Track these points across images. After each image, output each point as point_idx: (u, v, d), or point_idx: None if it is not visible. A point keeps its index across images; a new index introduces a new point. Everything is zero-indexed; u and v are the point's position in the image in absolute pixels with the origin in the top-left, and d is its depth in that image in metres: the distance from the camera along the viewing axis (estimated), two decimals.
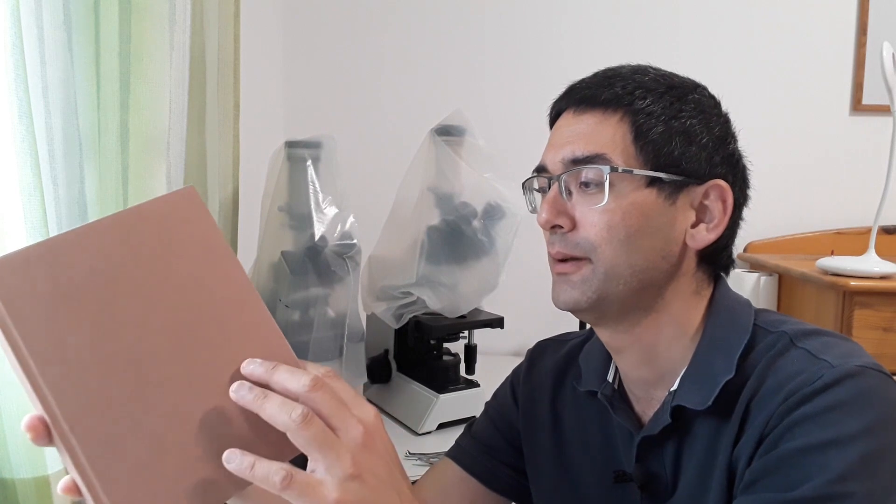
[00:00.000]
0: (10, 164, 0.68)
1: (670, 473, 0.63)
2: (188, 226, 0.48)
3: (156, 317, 0.45)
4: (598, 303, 0.62)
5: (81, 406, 0.41)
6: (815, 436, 0.52)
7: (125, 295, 0.44)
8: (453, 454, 0.82)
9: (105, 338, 0.43)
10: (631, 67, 0.66)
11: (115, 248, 0.45)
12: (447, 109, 1.30)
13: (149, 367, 0.44)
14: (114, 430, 0.42)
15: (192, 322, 0.46)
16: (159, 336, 0.45)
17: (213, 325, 0.47)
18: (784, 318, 0.64)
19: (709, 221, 0.63)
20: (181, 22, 0.85)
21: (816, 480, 0.51)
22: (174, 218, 0.47)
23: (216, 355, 0.46)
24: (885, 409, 0.53)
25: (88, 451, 0.41)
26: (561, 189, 0.62)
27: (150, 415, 0.43)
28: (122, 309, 0.44)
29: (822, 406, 0.53)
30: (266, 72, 1.78)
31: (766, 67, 1.86)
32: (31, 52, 0.70)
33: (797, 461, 0.52)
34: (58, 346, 0.42)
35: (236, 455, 0.43)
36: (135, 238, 0.46)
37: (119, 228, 0.45)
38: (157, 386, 0.44)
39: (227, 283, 0.48)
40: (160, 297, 0.45)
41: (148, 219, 0.46)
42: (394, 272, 1.28)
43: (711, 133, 0.63)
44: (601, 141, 0.61)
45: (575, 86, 0.66)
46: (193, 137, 0.98)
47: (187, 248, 0.47)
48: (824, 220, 1.89)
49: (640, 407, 0.68)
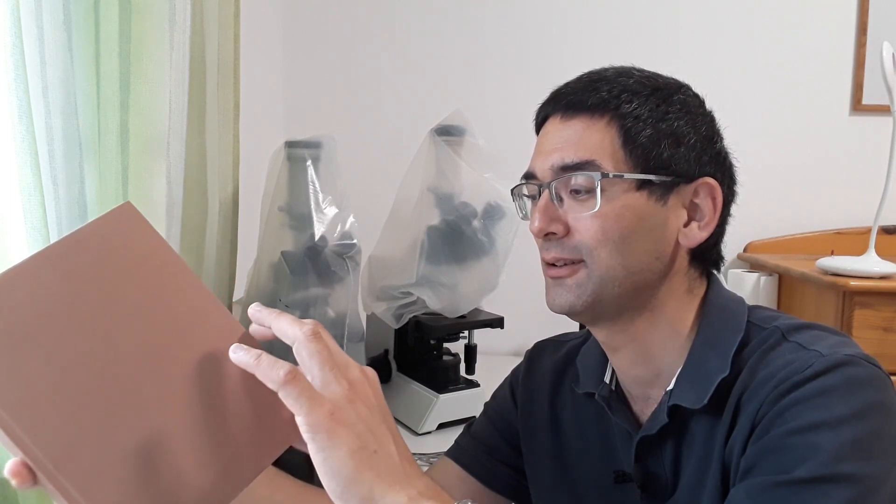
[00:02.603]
0: (10, 164, 0.68)
1: (670, 472, 0.63)
2: (131, 243, 0.47)
3: (117, 341, 0.44)
4: (593, 305, 0.62)
5: (62, 444, 0.41)
6: (806, 418, 0.52)
7: (81, 325, 0.43)
8: (453, 454, 0.82)
9: (70, 372, 0.42)
10: (615, 70, 0.66)
11: (61, 281, 0.43)
12: (447, 109, 1.30)
13: (121, 392, 0.43)
14: (100, 459, 0.42)
15: (156, 338, 0.45)
16: (126, 359, 0.44)
17: (178, 337, 0.46)
18: (777, 314, 0.64)
19: (700, 220, 0.64)
20: (181, 22, 0.85)
21: (811, 461, 0.51)
22: (115, 238, 0.46)
23: (187, 366, 0.46)
24: (875, 395, 0.54)
25: (80, 486, 0.41)
26: (552, 196, 0.63)
27: (133, 437, 0.43)
28: (81, 339, 0.43)
29: (813, 391, 0.53)
30: (266, 72, 1.78)
31: (766, 67, 1.86)
32: (31, 52, 0.70)
33: (790, 443, 0.52)
34: (26, 391, 0.41)
35: (242, 348, 0.45)
36: (78, 267, 0.44)
37: (60, 260, 0.44)
38: (134, 408, 0.43)
39: (183, 292, 0.48)
40: (118, 321, 0.44)
41: (88, 244, 0.45)
42: (394, 272, 1.28)
43: (699, 132, 0.63)
44: (590, 147, 0.61)
45: (560, 90, 0.66)
46: (193, 137, 0.98)
47: (135, 265, 0.46)
48: (824, 220, 1.89)
49: (637, 407, 0.68)
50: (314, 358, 0.45)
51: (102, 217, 0.46)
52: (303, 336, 0.46)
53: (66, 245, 0.44)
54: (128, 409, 0.43)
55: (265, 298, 1.16)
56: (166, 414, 0.44)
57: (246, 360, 0.45)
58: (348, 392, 0.46)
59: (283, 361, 0.45)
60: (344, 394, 0.45)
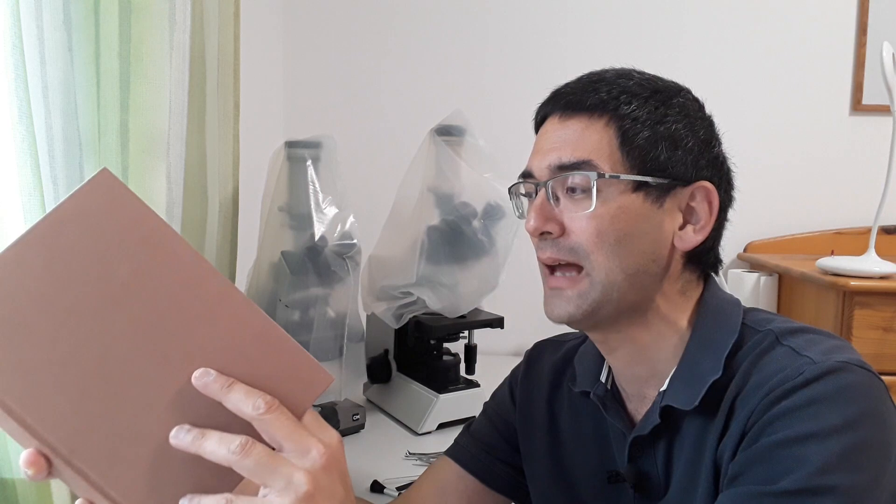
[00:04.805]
0: (10, 164, 0.68)
1: (662, 473, 0.64)
2: (114, 214, 0.44)
3: (113, 319, 0.43)
4: (592, 314, 0.62)
5: (73, 428, 0.41)
6: (795, 429, 0.52)
7: (75, 307, 0.42)
8: (452, 452, 0.82)
9: (71, 356, 0.42)
10: (615, 71, 0.66)
11: (48, 265, 0.42)
12: (447, 109, 1.30)
13: (124, 373, 0.43)
14: (111, 440, 0.42)
15: (151, 312, 0.44)
16: (123, 337, 0.43)
17: (175, 310, 0.44)
18: (772, 317, 0.64)
19: (696, 223, 0.64)
20: (181, 22, 0.85)
21: (797, 473, 0.51)
22: (97, 211, 0.43)
23: (188, 340, 0.44)
24: (867, 404, 0.54)
25: (96, 468, 0.41)
26: (548, 195, 0.63)
27: (143, 417, 0.43)
28: (77, 322, 0.42)
29: (803, 400, 0.53)
30: (266, 72, 1.78)
31: (766, 67, 1.86)
32: (31, 52, 0.70)
33: (778, 454, 0.52)
34: (30, 379, 0.41)
35: (182, 431, 0.43)
36: (63, 248, 0.42)
37: (43, 243, 0.42)
38: (138, 388, 0.43)
39: (175, 262, 0.45)
40: (110, 298, 0.43)
41: (70, 222, 0.43)
42: (394, 272, 1.28)
43: (696, 136, 0.63)
44: (587, 147, 0.61)
45: (560, 90, 0.66)
46: (193, 137, 0.98)
47: (120, 238, 0.44)
48: (824, 220, 1.89)
49: (632, 406, 0.68)
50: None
51: (80, 190, 0.43)
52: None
53: (48, 226, 0.43)
54: (131, 388, 0.43)
55: (265, 298, 1.16)
56: (171, 391, 0.44)
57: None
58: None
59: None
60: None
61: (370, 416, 1.32)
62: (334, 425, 1.01)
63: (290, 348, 0.46)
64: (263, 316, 0.46)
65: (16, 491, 0.71)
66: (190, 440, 0.43)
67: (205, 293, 0.45)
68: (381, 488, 1.01)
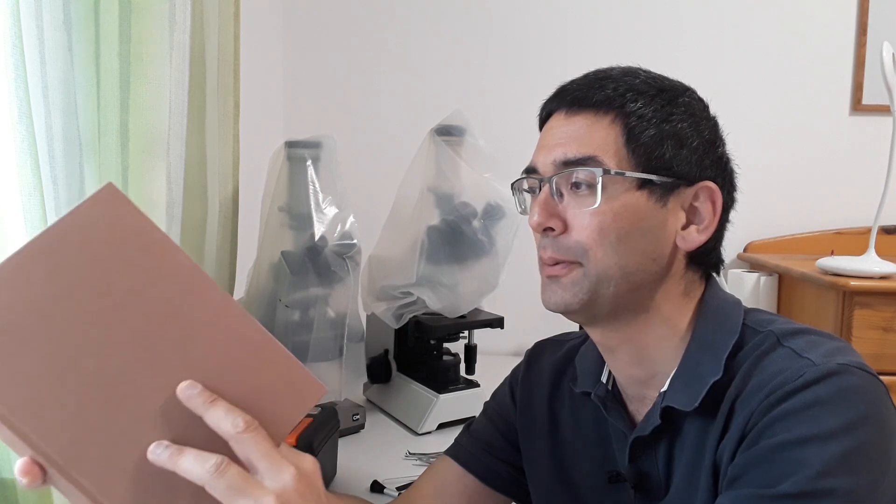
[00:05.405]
0: (10, 165, 0.68)
1: (663, 473, 0.64)
2: (116, 228, 0.45)
3: (112, 332, 0.44)
4: (589, 305, 0.62)
5: (69, 438, 0.42)
6: (795, 432, 0.52)
7: (74, 319, 0.43)
8: (452, 452, 0.82)
9: (69, 366, 0.42)
10: (621, 69, 0.66)
11: (49, 276, 0.43)
12: (447, 109, 1.30)
13: (120, 382, 0.43)
14: (107, 450, 0.42)
15: (150, 325, 0.45)
16: (121, 349, 0.44)
17: (173, 324, 0.45)
18: (773, 318, 0.64)
19: (699, 223, 0.63)
20: (181, 22, 0.85)
21: (797, 476, 0.51)
22: (100, 225, 0.44)
23: (184, 353, 0.45)
24: (867, 406, 0.53)
25: (91, 478, 0.41)
26: (552, 191, 0.62)
27: (138, 428, 0.43)
28: (76, 333, 0.43)
29: (803, 403, 0.53)
30: (266, 72, 1.78)
31: (766, 67, 1.86)
32: (31, 52, 0.70)
33: (777, 457, 0.52)
34: (27, 389, 0.41)
35: (160, 447, 0.43)
36: (65, 260, 0.43)
37: (46, 254, 0.43)
38: (134, 399, 0.44)
39: (175, 274, 0.46)
40: (110, 311, 0.44)
41: (73, 235, 0.44)
42: (394, 272, 1.28)
43: (701, 136, 0.63)
44: (593, 143, 0.61)
45: (566, 87, 0.66)
46: (193, 137, 0.98)
47: (122, 251, 0.45)
48: (824, 220, 1.89)
49: (633, 407, 0.68)
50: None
51: (85, 203, 0.44)
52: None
53: (51, 238, 0.43)
54: (128, 399, 0.43)
55: (265, 298, 1.16)
56: (166, 401, 0.44)
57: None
58: None
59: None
60: None
61: (370, 416, 1.32)
62: (334, 425, 1.01)
63: (285, 361, 0.47)
64: (260, 329, 0.47)
65: (16, 491, 0.71)
66: (167, 456, 0.43)
67: (203, 306, 0.46)
68: (381, 488, 1.01)
